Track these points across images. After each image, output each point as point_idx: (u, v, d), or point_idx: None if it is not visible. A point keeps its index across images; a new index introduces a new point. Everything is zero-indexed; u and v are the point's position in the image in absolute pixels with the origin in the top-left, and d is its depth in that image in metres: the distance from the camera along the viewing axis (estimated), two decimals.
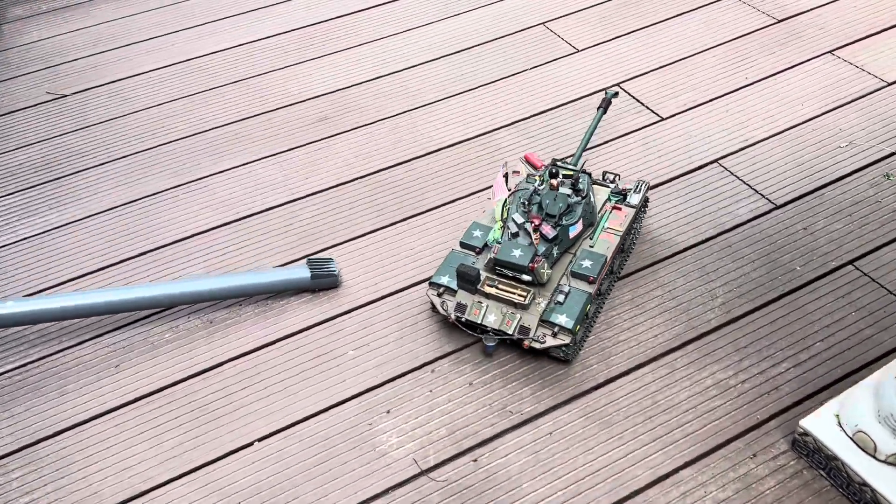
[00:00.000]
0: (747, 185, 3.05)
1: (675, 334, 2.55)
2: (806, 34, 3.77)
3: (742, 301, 2.63)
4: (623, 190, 2.77)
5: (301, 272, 2.75)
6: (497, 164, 3.27)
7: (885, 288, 2.62)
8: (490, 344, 2.44)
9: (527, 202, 2.55)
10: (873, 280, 2.65)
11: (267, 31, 4.22)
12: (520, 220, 2.51)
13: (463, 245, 2.63)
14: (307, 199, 3.20)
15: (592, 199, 2.65)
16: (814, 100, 3.40)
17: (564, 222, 2.50)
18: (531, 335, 2.35)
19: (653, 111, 3.45)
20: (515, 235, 2.50)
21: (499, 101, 3.60)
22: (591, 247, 2.59)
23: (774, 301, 2.62)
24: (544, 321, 2.37)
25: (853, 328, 2.51)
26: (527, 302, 2.38)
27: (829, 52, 3.64)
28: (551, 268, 2.48)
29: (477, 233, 2.64)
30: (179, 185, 3.32)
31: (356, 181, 3.27)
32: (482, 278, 2.46)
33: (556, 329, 2.35)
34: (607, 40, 3.88)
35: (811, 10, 3.92)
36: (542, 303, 2.41)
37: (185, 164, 3.43)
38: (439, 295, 2.51)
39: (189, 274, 2.91)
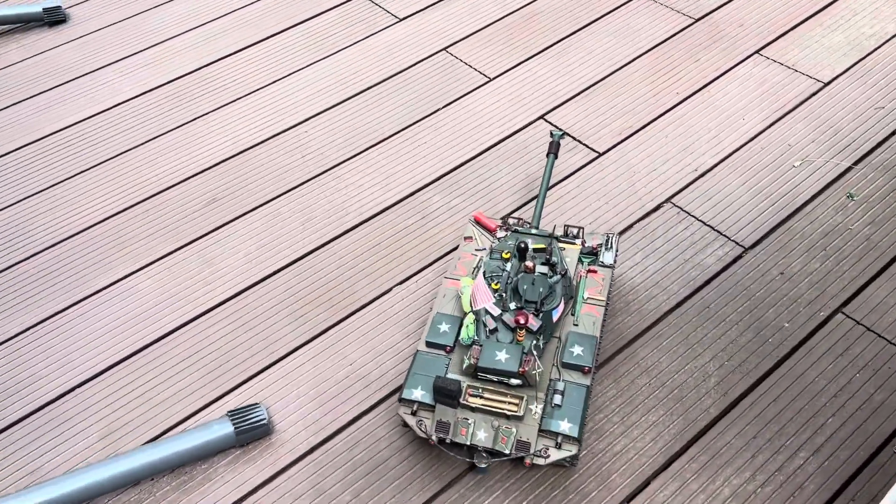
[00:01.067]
0: (709, 226, 2.75)
1: (675, 433, 2.22)
2: (727, 33, 3.49)
3: (736, 377, 2.33)
4: (594, 248, 2.43)
5: (223, 428, 2.23)
6: (431, 228, 2.82)
7: (883, 337, 2.38)
8: (483, 465, 2.06)
9: (499, 289, 2.17)
10: (867, 328, 2.41)
11: (108, 102, 3.54)
12: (495, 310, 2.14)
13: (430, 344, 2.22)
14: (208, 315, 2.65)
15: (569, 271, 2.32)
16: (754, 111, 3.14)
17: (546, 307, 2.15)
18: (532, 451, 1.99)
19: (587, 146, 3.09)
20: (494, 331, 2.12)
21: (415, 151, 3.14)
22: (576, 325, 2.24)
23: (771, 372, 2.34)
24: (544, 431, 2.03)
25: (862, 393, 2.26)
26: (521, 412, 2.02)
27: (756, 52, 3.39)
28: (541, 365, 2.11)
29: (444, 327, 2.23)
30: (32, 327, 2.68)
31: (265, 282, 2.74)
32: (464, 390, 2.08)
33: (559, 439, 2.01)
34: (520, 63, 3.48)
35: (726, 3, 3.65)
36: (536, 408, 2.05)
37: (38, 294, 2.78)
38: (413, 413, 2.10)
39: (69, 440, 2.34)
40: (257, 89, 3.49)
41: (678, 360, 2.39)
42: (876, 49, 3.32)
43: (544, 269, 2.24)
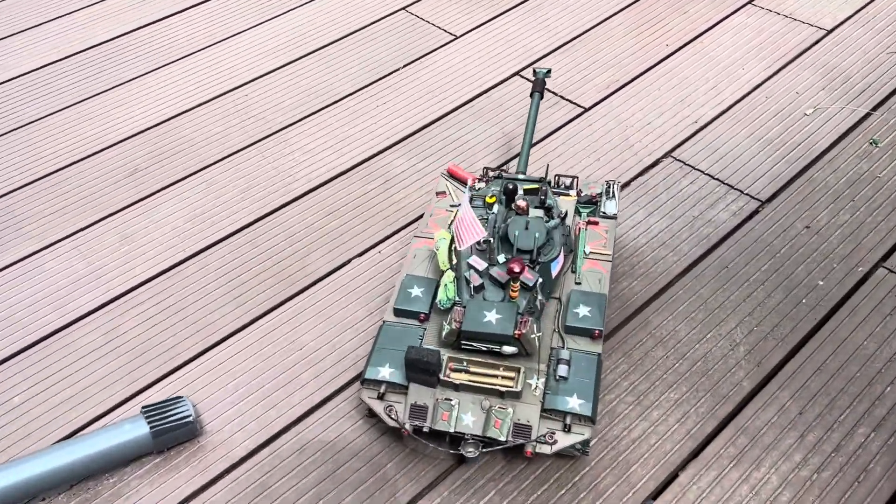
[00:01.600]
0: (718, 180, 2.38)
1: (704, 412, 1.81)
2: None
3: (770, 343, 1.94)
4: (592, 197, 2.02)
5: (135, 428, 1.74)
6: (396, 194, 2.39)
7: None
8: (472, 456, 1.59)
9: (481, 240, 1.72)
10: None
11: (37, 61, 3.06)
12: (481, 264, 1.70)
13: (399, 313, 1.78)
14: (126, 297, 2.17)
15: (567, 217, 1.90)
16: (753, 61, 2.80)
17: (544, 258, 1.71)
18: (534, 436, 1.56)
19: (571, 101, 2.71)
20: (480, 288, 1.68)
21: (374, 112, 2.72)
22: (578, 283, 1.83)
23: (811, 336, 1.95)
24: (549, 411, 1.60)
25: None
26: (518, 387, 1.59)
27: (749, 2, 3.06)
28: (540, 329, 1.68)
29: (416, 291, 1.80)
30: None
31: (197, 258, 2.28)
32: (444, 363, 1.64)
33: (567, 419, 1.58)
34: (489, 20, 3.10)
35: None
36: (537, 383, 1.62)
37: None
38: (381, 396, 1.64)
39: None
40: (192, 53, 3.04)
41: (698, 328, 1.98)
42: None
43: (538, 212, 1.81)
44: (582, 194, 2.02)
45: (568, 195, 2.02)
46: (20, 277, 2.24)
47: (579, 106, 2.68)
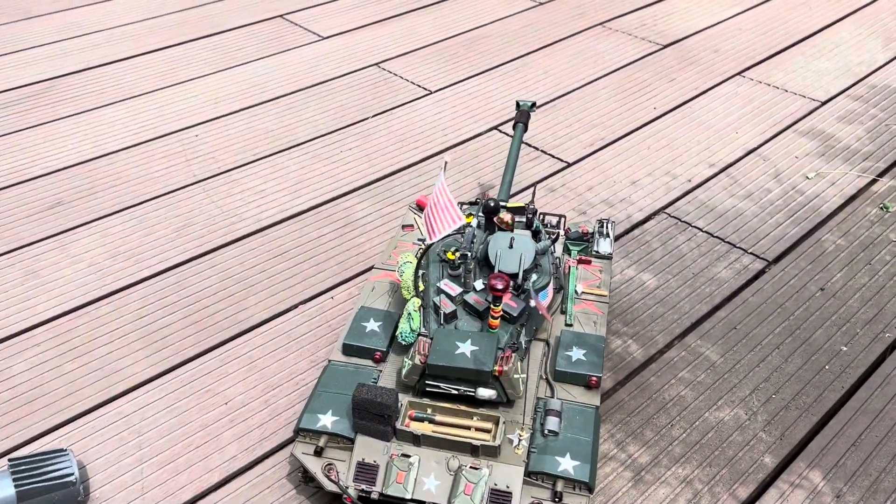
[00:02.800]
0: (718, 238, 2.12)
1: (721, 493, 1.46)
2: (701, 57, 3.05)
3: (793, 413, 1.62)
4: (584, 235, 1.73)
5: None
6: (355, 238, 2.09)
7: None
8: None
9: (456, 258, 1.42)
10: None
11: None
12: (455, 289, 1.39)
13: (349, 350, 1.46)
14: (23, 336, 1.79)
15: (554, 248, 1.59)
16: (747, 126, 2.62)
17: (531, 285, 1.37)
18: None
19: (553, 156, 2.48)
20: (452, 317, 1.35)
21: (338, 157, 2.47)
22: (570, 325, 1.52)
23: (839, 407, 1.64)
24: (535, 473, 1.25)
25: None
26: (497, 441, 1.25)
27: (738, 73, 2.94)
28: (525, 371, 1.34)
29: (371, 324, 1.48)
30: None
31: (114, 296, 1.92)
32: (402, 408, 1.30)
33: (558, 486, 1.23)
34: (466, 78, 2.92)
35: (697, 32, 3.25)
36: (520, 437, 1.28)
37: None
38: (318, 452, 1.29)
39: None
40: (141, 94, 2.79)
41: (707, 393, 1.66)
42: (870, 74, 2.93)
43: (525, 233, 1.51)
44: (571, 231, 1.73)
45: (551, 234, 1.73)
46: None
47: (562, 160, 2.45)
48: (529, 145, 2.53)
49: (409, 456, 1.26)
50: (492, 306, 1.30)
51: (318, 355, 1.76)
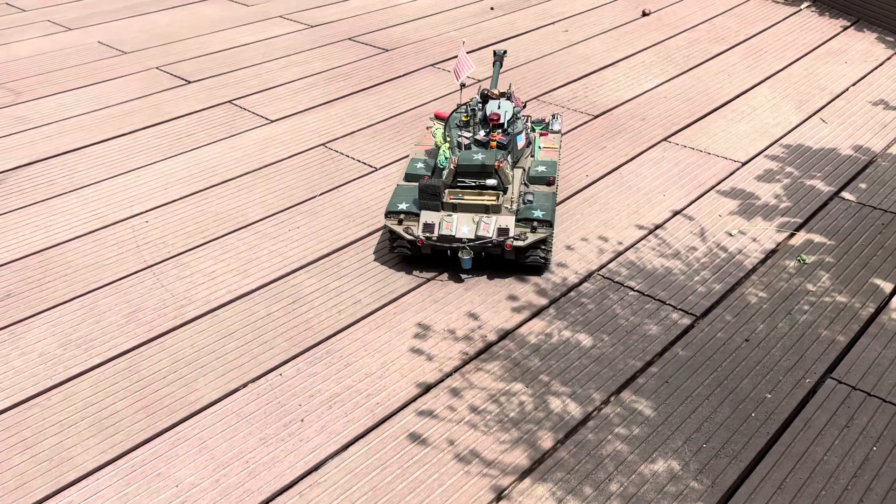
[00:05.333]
0: (648, 296, 2.24)
1: None
2: (630, 125, 3.25)
3: (723, 461, 1.70)
4: (542, 119, 2.82)
5: None
6: (304, 314, 2.16)
7: (890, 402, 1.85)
8: (467, 258, 2.23)
9: (467, 121, 2.50)
10: (868, 394, 1.88)
11: None
12: (468, 137, 2.42)
13: (409, 178, 2.46)
14: None
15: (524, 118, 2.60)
16: (673, 188, 2.79)
17: (511, 130, 2.43)
18: (511, 234, 2.20)
19: None
20: (467, 148, 2.38)
21: (286, 236, 2.55)
22: (534, 157, 2.59)
23: (766, 451, 1.73)
24: (521, 220, 2.23)
25: (889, 470, 1.67)
26: (499, 201, 2.25)
27: (664, 139, 3.13)
28: (512, 172, 2.37)
29: (420, 164, 2.51)
30: None
31: (63, 387, 1.95)
32: (445, 194, 2.28)
33: (534, 224, 2.22)
34: (407, 156, 3.05)
35: (625, 102, 3.45)
36: (511, 205, 2.30)
37: None
38: (400, 222, 2.28)
39: None
40: (92, 183, 2.86)
41: (643, 447, 1.74)
42: (785, 135, 3.14)
43: (508, 102, 2.49)
44: (531, 117, 2.77)
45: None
46: None
47: None
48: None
49: (450, 215, 2.25)
50: (491, 135, 2.34)
51: (268, 431, 1.80)
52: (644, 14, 4.54)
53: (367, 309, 2.22)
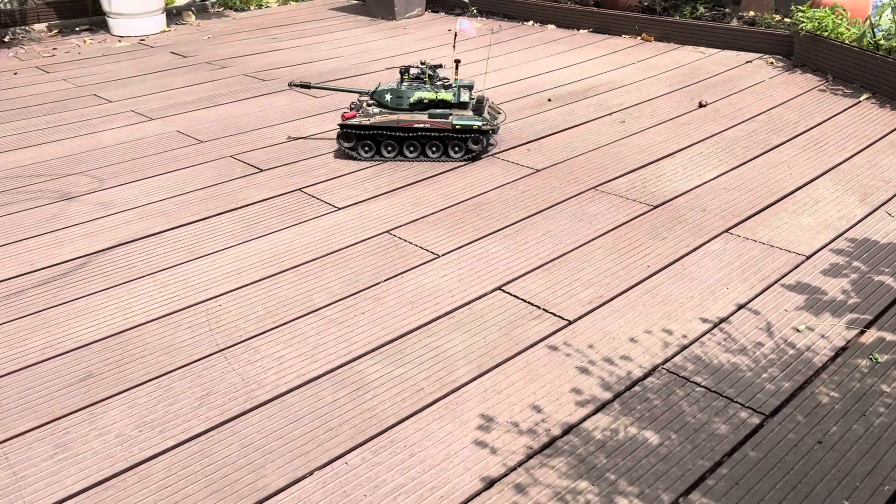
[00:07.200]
0: (716, 392, 2.21)
1: None
2: (690, 217, 3.27)
3: None
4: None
5: None
6: (369, 401, 2.19)
7: None
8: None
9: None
10: None
11: (8, 272, 2.99)
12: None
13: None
14: None
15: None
16: (736, 281, 2.78)
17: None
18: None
19: (555, 314, 2.62)
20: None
21: (351, 321, 2.61)
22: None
23: None
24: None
25: None
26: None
27: (725, 231, 3.14)
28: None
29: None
30: None
31: (137, 469, 2.01)
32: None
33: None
34: (470, 242, 3.13)
35: (684, 193, 3.49)
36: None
37: None
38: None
39: None
40: (169, 267, 3.00)
41: None
42: (850, 228, 3.12)
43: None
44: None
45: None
46: None
47: (563, 318, 2.60)
48: (532, 304, 2.68)
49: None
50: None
51: None
52: (701, 105, 4.62)
53: (430, 398, 2.25)
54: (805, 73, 5.21)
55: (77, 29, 7.25)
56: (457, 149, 3.81)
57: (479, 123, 3.68)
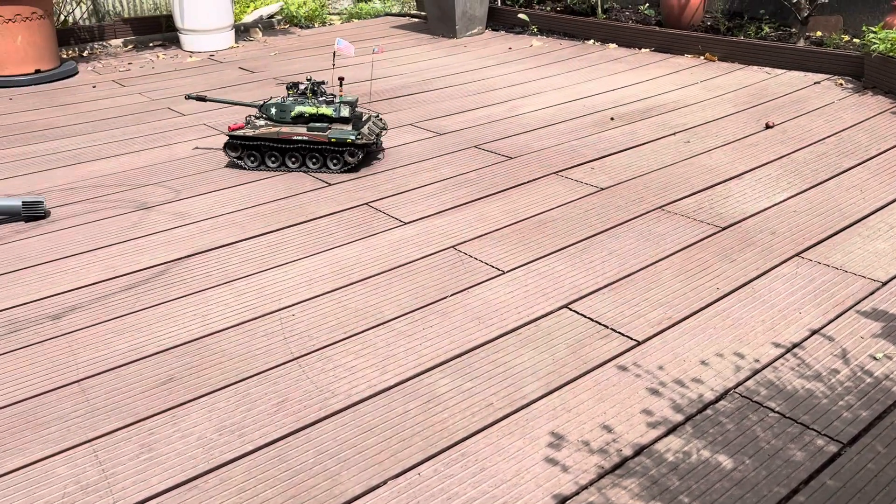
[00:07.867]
0: (789, 418, 2.19)
1: None
2: (759, 239, 3.24)
3: None
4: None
5: None
6: (439, 413, 2.23)
7: None
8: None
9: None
10: None
11: (93, 277, 3.14)
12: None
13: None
14: None
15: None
16: (809, 306, 2.74)
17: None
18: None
19: (623, 334, 2.62)
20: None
21: (421, 334, 2.66)
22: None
23: None
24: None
25: None
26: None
27: (797, 254, 3.10)
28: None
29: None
30: None
31: (218, 472, 2.08)
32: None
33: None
34: (536, 259, 3.16)
35: (753, 215, 3.46)
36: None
37: None
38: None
39: None
40: (243, 276, 3.10)
41: None
42: None
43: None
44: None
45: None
46: (25, 482, 2.05)
47: (632, 339, 2.60)
48: (599, 323, 2.69)
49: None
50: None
51: None
52: (768, 126, 4.57)
53: (500, 413, 2.28)
54: (876, 96, 5.11)
55: (151, 45, 7.54)
56: (335, 161, 4.03)
57: (353, 137, 3.90)
